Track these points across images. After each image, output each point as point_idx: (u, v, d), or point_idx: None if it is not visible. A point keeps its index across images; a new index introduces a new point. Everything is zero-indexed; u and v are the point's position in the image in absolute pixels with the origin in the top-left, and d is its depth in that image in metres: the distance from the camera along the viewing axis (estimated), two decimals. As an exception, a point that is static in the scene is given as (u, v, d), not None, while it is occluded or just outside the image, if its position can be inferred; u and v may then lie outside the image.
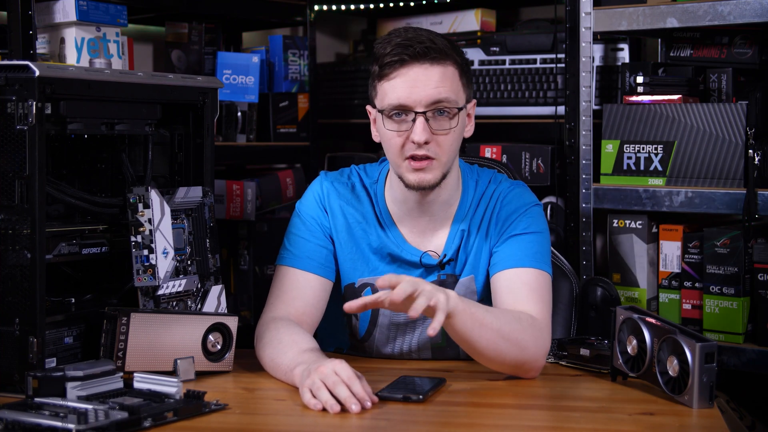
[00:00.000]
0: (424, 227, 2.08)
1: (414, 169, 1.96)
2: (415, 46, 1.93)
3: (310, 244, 2.07)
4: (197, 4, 2.95)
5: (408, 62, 1.93)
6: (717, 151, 2.59)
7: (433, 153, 1.95)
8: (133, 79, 1.99)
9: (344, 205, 2.10)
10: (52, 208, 1.99)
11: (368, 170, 2.15)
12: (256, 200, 3.01)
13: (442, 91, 1.94)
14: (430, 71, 1.94)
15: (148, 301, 1.96)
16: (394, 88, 1.94)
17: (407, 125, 1.95)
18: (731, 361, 2.55)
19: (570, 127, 2.82)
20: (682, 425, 1.66)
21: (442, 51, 1.95)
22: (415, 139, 1.93)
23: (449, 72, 1.96)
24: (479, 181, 2.11)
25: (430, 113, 1.94)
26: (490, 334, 1.85)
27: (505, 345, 1.86)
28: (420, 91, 1.93)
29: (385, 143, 2.00)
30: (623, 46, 2.91)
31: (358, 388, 1.72)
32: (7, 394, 1.77)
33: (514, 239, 2.02)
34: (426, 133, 1.93)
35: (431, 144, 1.95)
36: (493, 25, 3.34)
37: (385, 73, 1.96)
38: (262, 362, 1.96)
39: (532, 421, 1.73)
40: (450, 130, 1.96)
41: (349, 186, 2.12)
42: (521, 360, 1.89)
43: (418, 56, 1.93)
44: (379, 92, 1.98)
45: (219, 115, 2.20)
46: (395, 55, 1.94)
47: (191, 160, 2.14)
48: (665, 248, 2.71)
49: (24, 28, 2.39)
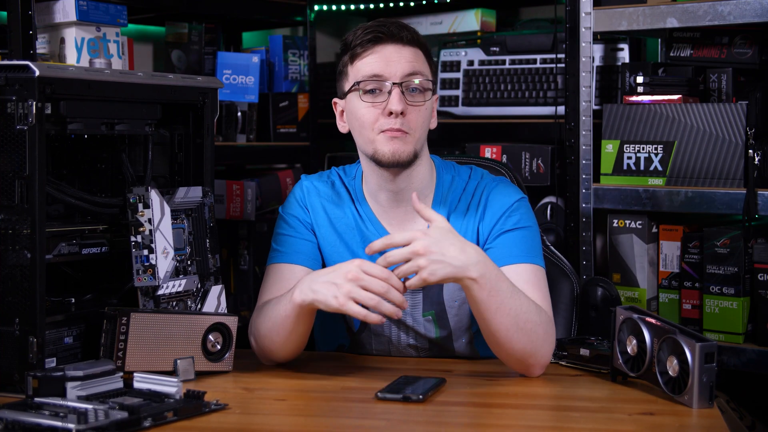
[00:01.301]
0: (402, 218, 2.09)
1: (389, 138, 1.99)
2: (388, 26, 2.00)
3: (294, 239, 2.10)
4: (197, 4, 2.95)
5: (382, 40, 2.00)
6: (717, 151, 2.59)
7: (406, 127, 1.99)
8: (133, 79, 1.99)
9: (325, 202, 2.13)
10: (52, 208, 1.99)
11: (347, 169, 2.19)
12: (256, 200, 3.01)
13: (416, 65, 2.00)
14: (403, 50, 2.01)
15: (148, 301, 1.96)
16: (369, 63, 2.00)
17: (383, 97, 1.99)
18: (731, 361, 2.55)
19: (570, 127, 2.82)
20: (682, 425, 1.66)
21: (413, 35, 2.02)
22: (393, 108, 1.97)
23: (419, 54, 2.03)
24: (456, 177, 2.12)
25: (405, 87, 1.99)
26: (505, 318, 1.86)
27: (516, 333, 1.87)
28: (395, 64, 1.99)
29: (356, 121, 2.03)
30: (623, 46, 2.91)
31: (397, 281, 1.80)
32: (7, 394, 1.77)
33: (507, 235, 2.03)
34: (402, 103, 1.97)
35: (405, 117, 1.99)
36: (493, 25, 3.34)
37: (357, 53, 2.01)
38: (260, 337, 1.98)
39: (532, 421, 1.73)
40: (424, 103, 2.01)
41: (328, 183, 2.16)
42: (529, 352, 1.89)
43: (392, 35, 2.00)
44: (351, 73, 2.03)
45: (219, 115, 2.20)
46: (369, 34, 2.00)
47: (191, 160, 2.14)
48: (665, 248, 2.71)
49: (24, 28, 2.39)
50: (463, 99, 3.16)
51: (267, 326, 1.97)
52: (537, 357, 1.91)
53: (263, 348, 2.00)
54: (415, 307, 2.09)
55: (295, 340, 1.97)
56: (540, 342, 1.90)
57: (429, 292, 2.08)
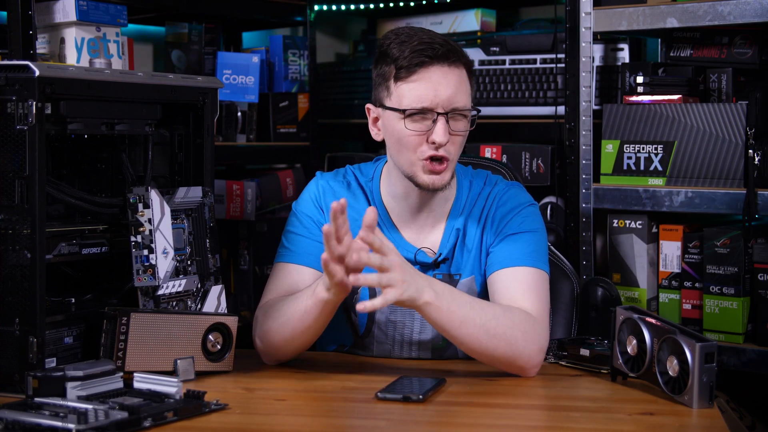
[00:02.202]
0: (422, 223, 2.09)
1: (430, 171, 1.98)
2: (436, 48, 1.96)
3: (306, 240, 2.08)
4: (197, 4, 2.95)
5: (428, 63, 1.96)
6: (717, 151, 2.59)
7: (447, 154, 1.98)
8: (133, 79, 1.99)
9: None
10: (52, 208, 1.99)
11: (363, 169, 2.17)
12: (256, 200, 3.01)
13: (460, 95, 1.98)
14: (449, 74, 1.97)
15: (148, 301, 1.96)
16: (416, 90, 1.96)
17: (426, 125, 1.97)
18: (731, 361, 2.55)
19: (570, 127, 2.82)
20: (682, 425, 1.66)
21: (457, 52, 1.99)
22: (438, 140, 1.96)
23: (464, 74, 2.00)
24: (473, 182, 2.13)
25: (450, 114, 1.97)
26: (473, 329, 1.87)
27: (490, 341, 1.88)
28: (442, 93, 1.96)
29: (397, 142, 2.01)
30: (623, 46, 2.91)
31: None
32: (7, 394, 1.77)
33: (510, 238, 2.03)
34: (447, 135, 1.96)
35: (447, 145, 1.98)
36: (493, 25, 3.34)
37: (402, 75, 1.97)
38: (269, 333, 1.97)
39: (532, 421, 1.73)
40: (465, 131, 2.00)
41: (344, 184, 2.14)
42: (511, 356, 1.89)
43: (439, 58, 1.96)
44: (395, 92, 1.99)
45: (219, 115, 2.20)
46: (415, 58, 1.96)
47: (191, 160, 2.14)
48: (665, 248, 2.71)
49: (24, 28, 2.39)
50: (463, 99, 3.15)
51: (279, 321, 1.96)
52: (523, 359, 1.91)
53: (271, 344, 1.99)
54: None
55: (310, 335, 1.96)
56: (521, 344, 1.90)
57: None
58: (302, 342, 1.98)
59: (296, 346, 1.99)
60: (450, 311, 1.85)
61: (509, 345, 1.89)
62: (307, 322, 1.93)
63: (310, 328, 1.94)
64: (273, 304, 2.01)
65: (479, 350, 1.89)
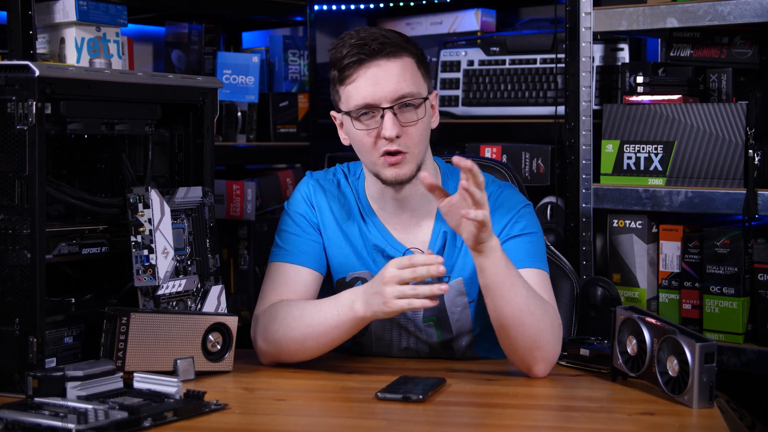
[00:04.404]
0: (406, 222, 2.09)
1: (389, 165, 1.99)
2: (370, 44, 1.96)
3: (300, 239, 2.09)
4: (197, 4, 2.95)
5: (366, 61, 1.96)
6: (717, 151, 2.59)
7: (404, 147, 1.98)
8: (133, 79, 1.99)
9: (331, 201, 2.12)
10: (52, 208, 1.99)
11: (351, 167, 2.18)
12: (256, 200, 3.01)
13: (404, 85, 1.97)
14: (389, 66, 1.97)
15: (148, 301, 1.96)
16: (358, 89, 1.97)
17: (376, 122, 1.98)
18: (731, 361, 2.55)
19: (570, 127, 2.82)
20: (682, 425, 1.66)
21: (397, 44, 1.98)
22: (386, 134, 1.96)
23: (408, 64, 1.99)
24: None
25: (397, 107, 1.97)
26: (517, 297, 1.86)
27: (528, 317, 1.86)
28: (383, 87, 1.96)
29: (356, 144, 2.03)
30: (623, 46, 2.91)
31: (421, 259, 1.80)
32: (7, 394, 1.77)
33: (514, 241, 2.03)
34: (396, 127, 1.96)
35: (402, 138, 1.97)
36: (493, 25, 3.34)
37: (345, 75, 1.98)
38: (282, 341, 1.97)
39: (532, 421, 1.72)
40: (418, 121, 1.99)
41: (334, 183, 2.15)
42: (537, 341, 1.89)
43: (374, 53, 1.96)
44: (343, 96, 2.01)
45: (219, 115, 2.20)
46: (352, 56, 1.96)
47: (191, 160, 2.14)
48: (665, 248, 2.71)
49: (24, 28, 2.39)
50: (463, 99, 3.16)
51: (300, 331, 1.95)
52: (544, 350, 1.90)
53: (283, 349, 1.98)
54: (415, 312, 2.08)
55: (332, 346, 1.97)
56: (548, 333, 1.89)
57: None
58: (321, 350, 1.98)
59: (310, 354, 1.98)
60: (508, 267, 1.85)
61: (539, 330, 1.88)
62: (337, 335, 1.93)
63: (337, 340, 1.95)
64: (281, 307, 2.00)
65: (512, 321, 1.87)
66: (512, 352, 1.92)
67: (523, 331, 1.88)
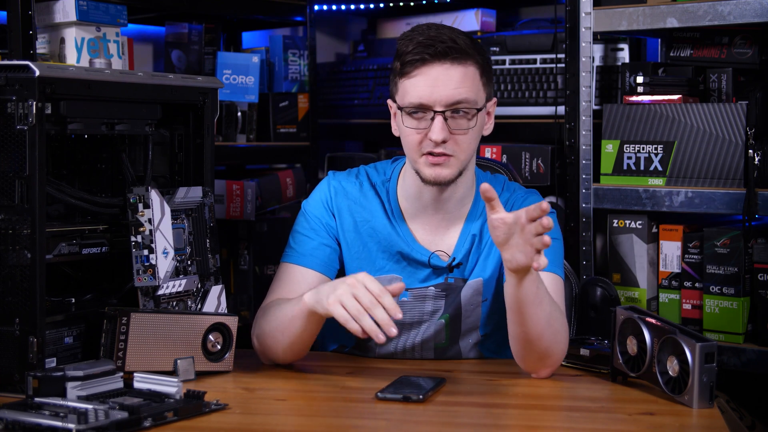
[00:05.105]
0: (437, 225, 2.09)
1: (431, 164, 1.98)
2: (437, 46, 1.94)
3: (313, 242, 2.08)
4: (197, 4, 2.95)
5: (429, 61, 1.95)
6: (717, 151, 2.59)
7: (450, 150, 1.97)
8: (133, 79, 1.99)
9: (352, 204, 2.11)
10: (52, 208, 1.99)
11: (378, 168, 2.16)
12: (256, 200, 3.01)
13: (462, 91, 1.95)
14: (450, 71, 1.95)
15: (148, 301, 1.96)
16: (415, 87, 1.96)
17: (426, 123, 1.97)
18: (731, 361, 2.55)
19: (570, 127, 2.82)
20: (682, 425, 1.66)
21: (463, 51, 1.96)
22: (433, 137, 1.95)
23: (470, 72, 1.97)
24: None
25: (449, 113, 1.96)
26: (541, 313, 1.86)
27: (544, 331, 1.87)
28: (440, 90, 1.95)
29: (403, 138, 2.02)
30: (623, 46, 2.91)
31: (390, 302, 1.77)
32: (7, 394, 1.77)
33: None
34: (444, 132, 1.95)
35: (449, 142, 1.97)
36: (493, 25, 3.34)
37: (406, 71, 1.97)
38: (263, 335, 1.98)
39: (533, 421, 1.73)
40: (468, 130, 1.98)
41: (357, 185, 2.13)
42: (551, 351, 1.90)
43: (439, 55, 1.94)
44: (400, 89, 2.00)
45: (219, 115, 2.20)
46: (417, 54, 1.95)
47: (191, 160, 2.14)
48: (665, 248, 2.71)
49: (24, 28, 2.39)
50: (463, 99, 3.15)
51: (272, 325, 1.97)
52: (554, 357, 1.92)
53: (266, 347, 2.00)
54: (436, 312, 2.08)
55: (299, 343, 1.96)
56: (562, 344, 1.92)
57: (448, 299, 2.08)
58: (296, 348, 1.97)
59: (291, 351, 1.98)
60: (539, 287, 1.85)
61: (555, 341, 1.89)
62: (296, 328, 1.92)
63: (299, 336, 1.93)
64: (272, 305, 2.01)
65: (533, 335, 1.87)
66: (523, 359, 1.93)
67: (541, 344, 1.89)
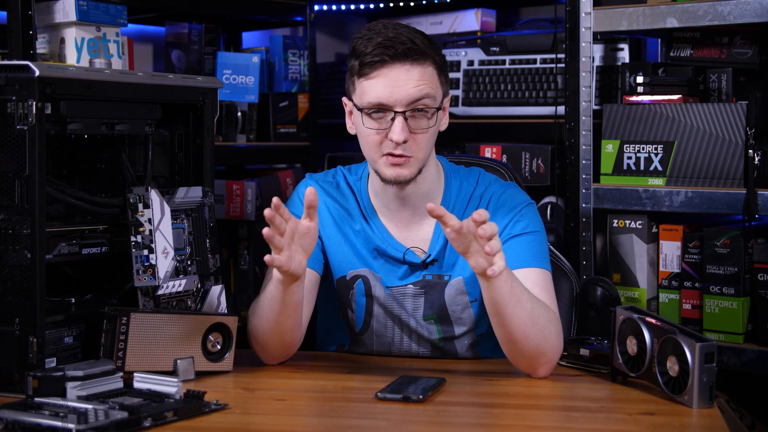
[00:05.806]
0: (408, 220, 2.09)
1: (391, 164, 1.99)
2: (397, 47, 1.94)
3: None
4: (197, 4, 2.95)
5: (388, 62, 1.95)
6: (717, 151, 2.59)
7: (409, 152, 1.98)
8: (133, 79, 1.99)
9: (329, 201, 2.13)
10: (52, 208, 1.99)
11: (352, 169, 2.18)
12: (256, 200, 3.01)
13: (422, 90, 1.96)
14: (410, 72, 1.96)
15: (148, 301, 1.95)
16: (374, 87, 1.96)
17: (386, 123, 1.97)
18: (731, 361, 2.55)
19: (570, 127, 2.82)
20: (682, 425, 1.66)
21: (422, 51, 1.96)
22: (394, 138, 1.95)
23: (428, 72, 1.98)
24: (464, 183, 2.12)
25: (409, 112, 1.96)
26: (522, 312, 1.85)
27: (530, 329, 1.86)
28: (400, 90, 1.95)
29: (362, 139, 2.02)
30: (623, 46, 2.91)
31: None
32: (7, 394, 1.77)
33: (516, 240, 2.03)
34: (405, 132, 1.95)
35: (409, 143, 1.97)
36: (493, 25, 3.34)
37: (365, 71, 1.97)
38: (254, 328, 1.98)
39: (532, 421, 1.72)
40: (428, 129, 1.99)
41: (333, 184, 2.15)
42: (540, 350, 1.89)
43: (399, 57, 1.95)
44: (358, 89, 2.00)
45: (219, 115, 2.20)
46: (376, 55, 1.95)
47: (191, 160, 2.14)
48: (665, 248, 2.71)
49: (24, 28, 2.39)
50: (463, 99, 3.16)
51: (258, 313, 1.97)
52: (548, 355, 1.91)
53: (258, 341, 1.99)
54: (416, 310, 2.09)
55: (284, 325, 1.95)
56: (552, 340, 1.90)
57: (429, 297, 2.08)
58: (281, 333, 1.96)
59: (277, 339, 1.98)
60: (513, 287, 1.84)
61: (543, 338, 1.88)
62: (275, 308, 1.92)
63: (280, 315, 1.93)
64: (256, 300, 2.02)
65: (519, 336, 1.87)
66: (516, 360, 1.93)
67: (528, 343, 1.88)
